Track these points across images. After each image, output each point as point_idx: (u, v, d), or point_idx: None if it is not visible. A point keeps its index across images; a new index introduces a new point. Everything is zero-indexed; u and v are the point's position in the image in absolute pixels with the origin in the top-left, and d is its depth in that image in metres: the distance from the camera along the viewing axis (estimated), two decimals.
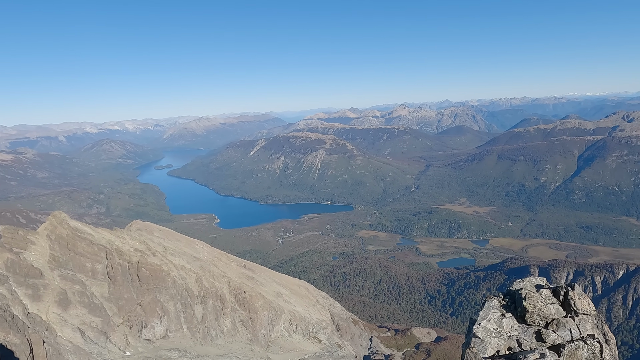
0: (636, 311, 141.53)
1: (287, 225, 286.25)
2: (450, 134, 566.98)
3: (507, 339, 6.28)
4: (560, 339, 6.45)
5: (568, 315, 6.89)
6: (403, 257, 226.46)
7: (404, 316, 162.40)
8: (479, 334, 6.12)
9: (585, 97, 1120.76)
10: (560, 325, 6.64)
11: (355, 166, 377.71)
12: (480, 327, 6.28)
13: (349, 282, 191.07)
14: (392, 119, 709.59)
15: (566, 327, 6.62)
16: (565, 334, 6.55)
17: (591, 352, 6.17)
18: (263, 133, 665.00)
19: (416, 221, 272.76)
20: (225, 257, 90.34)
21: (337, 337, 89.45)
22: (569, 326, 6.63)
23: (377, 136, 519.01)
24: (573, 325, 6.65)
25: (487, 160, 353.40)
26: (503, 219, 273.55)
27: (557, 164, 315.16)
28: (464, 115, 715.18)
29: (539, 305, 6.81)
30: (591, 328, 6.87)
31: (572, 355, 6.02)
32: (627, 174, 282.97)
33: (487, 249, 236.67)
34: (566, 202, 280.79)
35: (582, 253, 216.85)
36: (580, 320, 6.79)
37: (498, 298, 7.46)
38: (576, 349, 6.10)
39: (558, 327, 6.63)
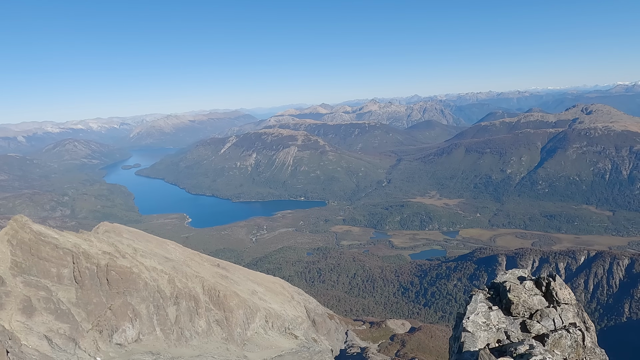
0: (597, 294, 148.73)
1: (260, 223, 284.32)
2: (420, 128, 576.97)
3: (496, 331, 6.35)
4: (544, 328, 6.58)
5: (551, 306, 7.04)
6: (376, 251, 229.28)
7: (378, 309, 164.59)
8: (468, 328, 6.15)
9: (547, 90, 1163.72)
10: (543, 316, 6.76)
11: (327, 162, 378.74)
12: (469, 321, 6.31)
13: (324, 277, 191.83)
14: (363, 114, 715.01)
15: (549, 317, 6.76)
16: (549, 324, 6.68)
17: (574, 340, 6.32)
18: (234, 130, 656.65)
19: (389, 215, 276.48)
20: (198, 257, 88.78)
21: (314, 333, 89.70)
22: (552, 316, 6.77)
23: (349, 131, 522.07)
24: (556, 315, 6.79)
25: (455, 153, 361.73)
26: (472, 210, 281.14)
27: (522, 155, 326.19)
28: (432, 109, 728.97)
29: (523, 297, 6.92)
30: (572, 317, 7.04)
31: (556, 344, 6.15)
32: (587, 164, 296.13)
33: (457, 240, 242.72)
34: (531, 193, 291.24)
35: (547, 241, 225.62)
36: (562, 309, 6.94)
37: (483, 291, 7.53)
38: (559, 338, 6.24)
39: (542, 317, 6.75)
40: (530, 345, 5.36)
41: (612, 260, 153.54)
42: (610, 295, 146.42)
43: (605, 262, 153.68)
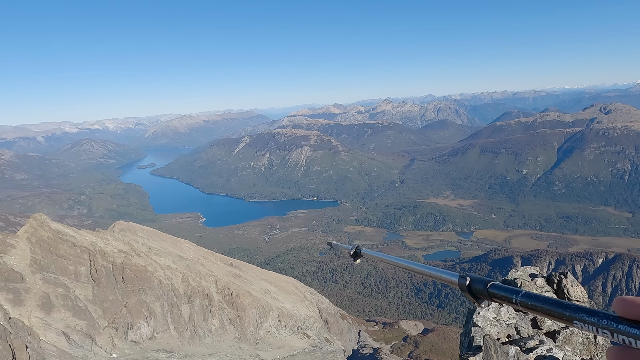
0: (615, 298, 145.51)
1: (273, 222, 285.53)
2: (434, 128, 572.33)
3: (506, 327, 6.36)
4: (555, 325, 6.56)
5: None
6: (389, 251, 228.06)
7: (391, 310, 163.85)
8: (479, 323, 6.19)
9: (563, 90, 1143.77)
10: None
11: (340, 162, 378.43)
12: (480, 317, 6.34)
13: (337, 277, 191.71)
14: (376, 114, 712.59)
15: None
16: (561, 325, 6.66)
17: (585, 337, 6.28)
18: (247, 130, 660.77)
19: (402, 215, 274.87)
20: (212, 256, 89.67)
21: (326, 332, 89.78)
22: None
23: (362, 131, 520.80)
24: None
25: (470, 153, 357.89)
26: (486, 211, 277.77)
27: (538, 156, 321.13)
28: (447, 109, 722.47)
29: None
30: None
31: (567, 340, 6.12)
32: (605, 164, 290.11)
33: (472, 241, 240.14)
34: (547, 193, 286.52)
35: (563, 243, 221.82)
36: None
37: None
38: (571, 335, 6.20)
39: None
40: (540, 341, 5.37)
41: (632, 262, 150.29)
42: None
43: (624, 265, 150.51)
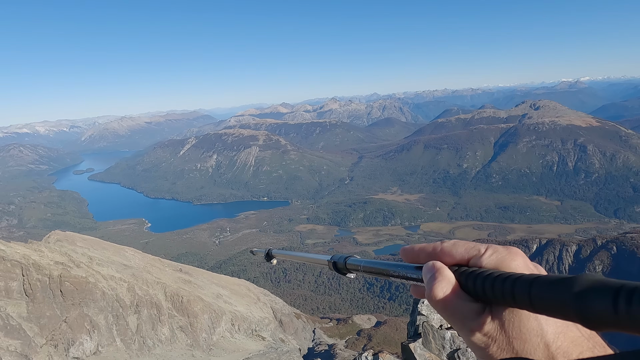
0: None
1: (223, 225, 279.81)
2: (380, 125, 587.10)
3: None
4: None
5: None
6: (341, 248, 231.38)
7: (344, 305, 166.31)
8: (423, 312, 6.49)
9: (497, 87, 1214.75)
10: None
11: (289, 161, 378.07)
12: (424, 305, 6.67)
13: (290, 277, 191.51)
14: (324, 112, 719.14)
15: None
16: None
17: None
18: (193, 131, 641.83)
19: (352, 212, 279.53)
20: (159, 263, 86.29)
21: (281, 333, 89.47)
22: None
23: (310, 130, 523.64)
24: None
25: (414, 150, 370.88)
26: (432, 204, 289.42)
27: (477, 150, 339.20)
28: (391, 107, 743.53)
29: None
30: None
31: None
32: (536, 157, 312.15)
33: (419, 234, 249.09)
34: (486, 186, 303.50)
35: (502, 231, 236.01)
36: None
37: None
38: None
39: None
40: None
41: (562, 247, 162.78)
42: None
43: (555, 249, 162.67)
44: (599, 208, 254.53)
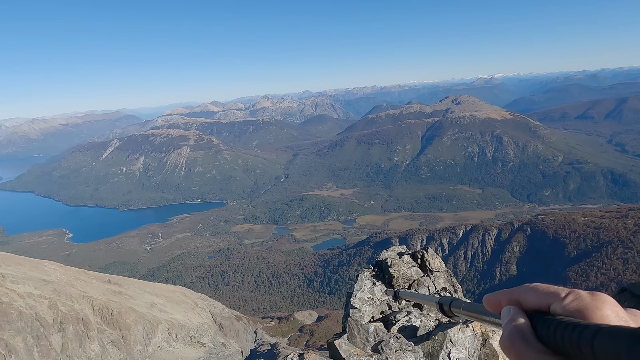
0: (474, 263, 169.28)
1: (154, 230, 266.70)
2: (313, 122, 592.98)
3: (380, 304, 7.11)
4: None
5: (425, 275, 8.07)
6: (280, 246, 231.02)
7: (285, 303, 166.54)
8: (355, 305, 6.80)
9: (422, 84, 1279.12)
10: (420, 285, 7.72)
11: (223, 161, 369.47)
12: (356, 299, 6.96)
13: (228, 279, 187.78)
14: (257, 110, 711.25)
15: (424, 285, 7.74)
16: (424, 291, 7.65)
17: None
18: (116, 133, 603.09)
19: (289, 209, 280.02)
20: (85, 275, 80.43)
21: (222, 337, 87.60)
22: (427, 284, 7.77)
23: (243, 129, 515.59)
24: (430, 283, 7.81)
25: (347, 145, 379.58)
26: (366, 198, 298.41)
27: (406, 144, 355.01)
28: (323, 104, 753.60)
29: (402, 270, 7.80)
30: (443, 282, 8.15)
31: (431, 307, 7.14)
32: (459, 149, 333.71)
33: (355, 227, 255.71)
34: (415, 178, 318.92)
35: (432, 220, 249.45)
36: (435, 277, 8.00)
37: (369, 270, 8.30)
38: None
39: (419, 286, 7.70)
40: (407, 312, 6.18)
41: (484, 231, 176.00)
42: (485, 262, 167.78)
43: (479, 234, 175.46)
44: (514, 194, 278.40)
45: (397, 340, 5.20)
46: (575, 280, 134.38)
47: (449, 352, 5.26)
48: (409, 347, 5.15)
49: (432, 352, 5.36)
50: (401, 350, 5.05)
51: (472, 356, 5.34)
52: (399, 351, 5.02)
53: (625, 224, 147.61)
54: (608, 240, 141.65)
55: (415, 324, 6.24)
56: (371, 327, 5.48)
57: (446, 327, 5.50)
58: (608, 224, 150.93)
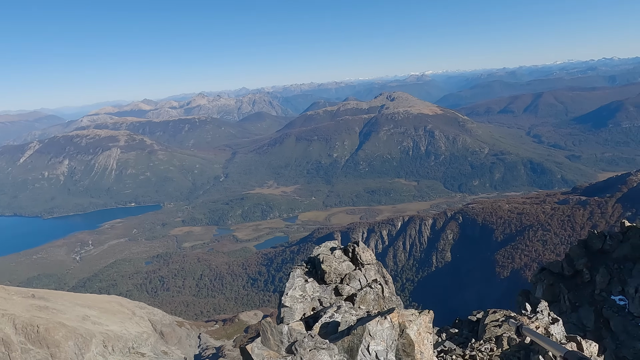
0: (412, 252, 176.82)
1: (84, 238, 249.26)
2: (251, 120, 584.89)
3: (311, 300, 7.25)
4: (353, 289, 7.79)
5: (356, 268, 8.35)
6: (221, 247, 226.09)
7: (229, 305, 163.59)
8: (286, 304, 6.88)
9: (358, 81, 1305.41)
10: (351, 278, 7.98)
11: (158, 162, 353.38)
12: (287, 297, 7.04)
13: (168, 284, 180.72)
14: (192, 109, 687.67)
15: (356, 278, 8.02)
16: (356, 284, 7.93)
17: (376, 294, 7.68)
18: (35, 134, 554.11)
19: (230, 209, 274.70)
20: (3, 291, 73.45)
21: (163, 345, 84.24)
22: (358, 277, 8.05)
23: (178, 128, 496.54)
24: (361, 276, 8.10)
25: (287, 142, 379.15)
26: (307, 194, 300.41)
27: (344, 140, 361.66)
28: (261, 101, 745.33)
29: (334, 265, 8.02)
30: (374, 274, 8.50)
31: (363, 300, 7.38)
32: (395, 143, 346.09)
33: (298, 224, 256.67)
34: (355, 173, 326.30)
35: (371, 213, 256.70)
36: (366, 270, 8.31)
37: (301, 267, 8.43)
38: (365, 294, 7.50)
39: (350, 279, 7.96)
40: (337, 307, 6.38)
41: (421, 221, 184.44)
42: (422, 251, 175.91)
43: (416, 224, 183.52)
44: (447, 185, 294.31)
45: (311, 339, 5.31)
46: (502, 263, 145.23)
47: (368, 345, 5.45)
48: (323, 345, 5.27)
49: (351, 346, 5.56)
50: (315, 349, 5.16)
51: (390, 347, 5.55)
52: (313, 350, 5.13)
53: (543, 209, 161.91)
54: (529, 224, 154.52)
55: (337, 320, 6.30)
56: (285, 328, 5.58)
57: (365, 321, 5.71)
58: (529, 210, 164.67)
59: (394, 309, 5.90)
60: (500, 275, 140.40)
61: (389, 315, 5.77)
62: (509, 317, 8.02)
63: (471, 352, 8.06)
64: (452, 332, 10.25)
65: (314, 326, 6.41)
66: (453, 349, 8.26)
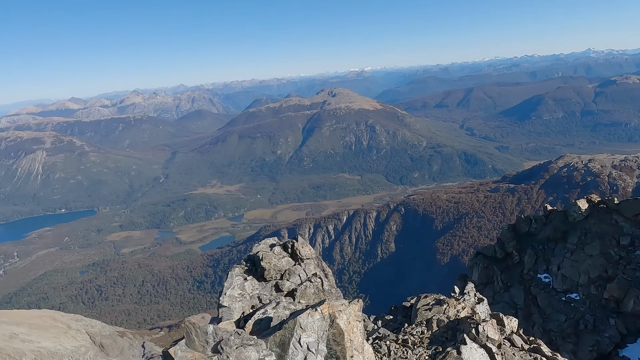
0: (358, 245, 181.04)
1: (8, 250, 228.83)
2: (191, 118, 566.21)
3: (250, 299, 7.30)
4: (293, 284, 7.94)
5: (296, 263, 8.51)
6: (164, 251, 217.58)
7: (175, 310, 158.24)
8: (225, 303, 6.87)
9: (300, 77, 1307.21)
10: (291, 273, 8.13)
11: (89, 164, 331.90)
12: (226, 297, 7.04)
13: (107, 293, 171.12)
14: (126, 107, 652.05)
15: (296, 273, 8.17)
16: (296, 279, 8.09)
17: (316, 287, 7.89)
18: None
19: (171, 211, 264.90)
20: None
21: (103, 358, 79.74)
22: (298, 272, 8.21)
23: (111, 127, 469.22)
24: (301, 271, 8.27)
25: (230, 140, 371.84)
26: (252, 192, 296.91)
27: (288, 137, 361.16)
28: (201, 99, 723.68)
29: (273, 262, 8.11)
30: (314, 268, 8.71)
31: (303, 294, 7.56)
32: (338, 139, 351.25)
33: (244, 223, 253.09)
34: (299, 169, 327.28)
35: (317, 209, 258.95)
36: (306, 264, 8.49)
37: (241, 266, 8.44)
38: (305, 289, 7.68)
39: (290, 275, 8.10)
40: (277, 303, 6.50)
41: (365, 215, 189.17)
42: (368, 243, 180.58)
43: (361, 217, 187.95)
44: (389, 178, 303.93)
45: (238, 336, 5.36)
46: (442, 250, 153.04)
47: (300, 338, 5.58)
48: (250, 341, 5.33)
49: (283, 340, 5.62)
50: (242, 346, 5.21)
51: (321, 338, 5.73)
52: (240, 347, 5.18)
53: (477, 197, 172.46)
54: (466, 212, 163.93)
55: (271, 316, 6.33)
56: (210, 328, 5.59)
57: (297, 314, 5.85)
58: (465, 198, 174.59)
59: (325, 300, 6.09)
60: (440, 261, 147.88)
61: (319, 307, 5.93)
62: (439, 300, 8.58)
63: (404, 336, 8.53)
64: (387, 319, 10.77)
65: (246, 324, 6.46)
66: (387, 335, 8.70)
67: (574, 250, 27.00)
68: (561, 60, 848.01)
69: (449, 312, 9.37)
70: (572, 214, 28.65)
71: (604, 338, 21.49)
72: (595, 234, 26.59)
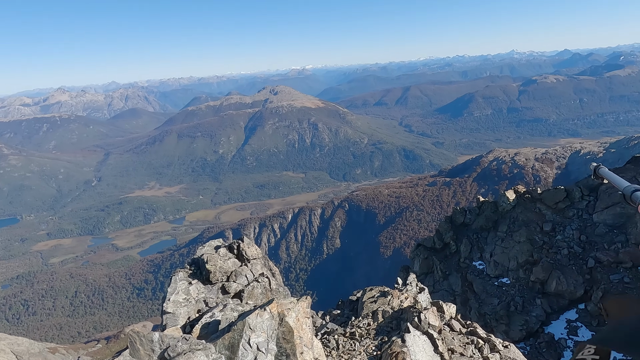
0: (304, 242, 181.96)
1: None
2: (125, 117, 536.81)
3: (196, 303, 7.12)
4: (240, 286, 7.85)
5: (242, 264, 8.42)
6: (99, 259, 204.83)
7: (113, 320, 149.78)
8: (169, 310, 6.64)
9: (240, 75, 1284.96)
10: (237, 275, 8.03)
11: (10, 168, 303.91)
12: (170, 303, 6.80)
13: (35, 308, 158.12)
14: (50, 106, 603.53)
15: (242, 274, 8.08)
16: (243, 280, 8.00)
17: (263, 287, 7.87)
18: None
19: (106, 216, 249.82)
20: None
21: None
22: (245, 273, 8.13)
23: (34, 128, 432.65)
24: (247, 271, 8.19)
25: (168, 140, 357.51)
26: (194, 194, 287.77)
27: (230, 136, 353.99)
28: (135, 97, 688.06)
29: (219, 264, 7.96)
30: (261, 268, 8.66)
31: (250, 295, 7.50)
32: (281, 137, 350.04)
33: (185, 226, 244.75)
34: (242, 168, 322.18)
35: (262, 208, 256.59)
36: (252, 265, 8.43)
37: (185, 270, 8.20)
38: (252, 289, 7.62)
39: (237, 276, 7.99)
40: (224, 305, 6.41)
41: (310, 212, 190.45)
42: (313, 240, 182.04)
43: (306, 215, 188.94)
44: (332, 175, 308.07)
45: (185, 342, 5.25)
46: (385, 243, 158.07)
47: (249, 339, 5.56)
48: (199, 346, 5.24)
49: (232, 342, 5.57)
50: (191, 351, 5.12)
51: (271, 337, 5.75)
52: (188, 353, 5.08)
53: (417, 191, 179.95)
54: (406, 206, 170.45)
55: (218, 319, 6.28)
56: (155, 336, 5.43)
57: (246, 315, 5.84)
58: (405, 193, 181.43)
59: (273, 300, 6.11)
60: (384, 255, 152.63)
61: (268, 306, 5.95)
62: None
63: (351, 329, 8.77)
64: (335, 314, 11.00)
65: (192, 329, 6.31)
66: (335, 329, 8.89)
67: (504, 238, 29.16)
68: (489, 60, 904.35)
69: (393, 303, 9.78)
70: (502, 204, 30.92)
71: (532, 317, 23.47)
72: (522, 222, 28.88)
